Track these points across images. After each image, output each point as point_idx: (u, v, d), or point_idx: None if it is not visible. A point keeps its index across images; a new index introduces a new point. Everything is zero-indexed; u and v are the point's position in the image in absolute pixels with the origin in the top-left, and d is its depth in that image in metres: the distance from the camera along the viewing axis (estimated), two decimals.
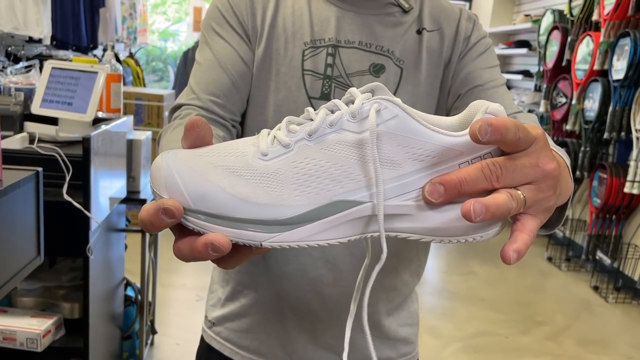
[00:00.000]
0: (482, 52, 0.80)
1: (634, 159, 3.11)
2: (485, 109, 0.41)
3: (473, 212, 0.37)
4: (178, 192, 0.40)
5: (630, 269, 3.32)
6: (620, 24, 3.37)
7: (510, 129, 0.38)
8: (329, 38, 0.75)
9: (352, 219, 0.41)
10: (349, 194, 0.40)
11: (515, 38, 5.51)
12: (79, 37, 4.07)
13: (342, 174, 0.40)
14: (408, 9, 0.78)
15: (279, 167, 0.41)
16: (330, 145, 0.41)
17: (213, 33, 0.77)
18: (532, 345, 2.71)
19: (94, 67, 1.57)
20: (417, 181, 0.40)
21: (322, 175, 0.40)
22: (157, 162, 0.41)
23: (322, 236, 0.41)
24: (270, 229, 0.40)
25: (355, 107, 0.41)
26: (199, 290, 2.97)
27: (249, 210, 0.40)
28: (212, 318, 0.87)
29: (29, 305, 1.63)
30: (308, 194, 0.40)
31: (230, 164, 0.41)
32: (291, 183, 0.40)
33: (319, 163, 0.41)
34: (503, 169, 0.39)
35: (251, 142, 0.43)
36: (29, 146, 1.46)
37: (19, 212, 1.04)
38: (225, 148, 0.42)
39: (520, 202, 0.39)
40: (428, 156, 0.40)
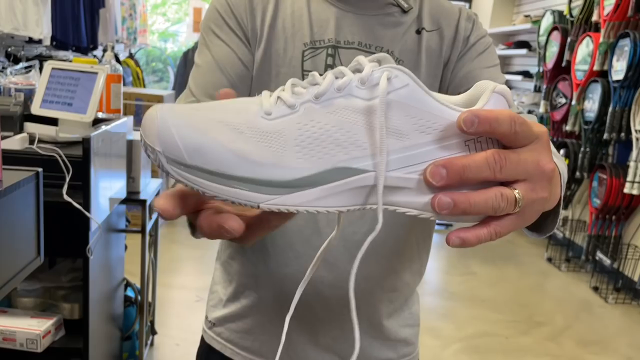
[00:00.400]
0: (481, 51, 0.79)
1: (633, 160, 3.12)
2: (493, 88, 0.40)
3: (437, 204, 0.37)
4: (173, 145, 0.37)
5: (630, 269, 3.32)
6: (620, 24, 3.37)
7: (503, 122, 0.37)
8: (328, 39, 0.75)
9: (354, 187, 0.39)
10: (353, 161, 0.39)
11: (515, 39, 5.51)
12: (79, 38, 4.07)
13: (348, 140, 0.39)
14: (407, 9, 0.78)
15: (282, 127, 0.39)
16: (338, 109, 0.39)
17: (212, 35, 0.77)
18: (532, 345, 2.71)
19: (94, 67, 1.57)
20: (422, 154, 0.39)
21: (327, 139, 0.39)
22: (150, 113, 0.39)
23: (322, 202, 0.39)
24: (269, 190, 0.38)
25: (366, 74, 0.39)
26: (198, 290, 2.97)
27: (248, 168, 0.38)
28: (212, 319, 0.87)
29: (29, 305, 1.63)
30: (311, 158, 0.39)
31: (231, 120, 0.39)
32: (294, 145, 0.38)
33: (324, 127, 0.39)
34: (507, 160, 0.38)
35: (253, 101, 0.41)
36: (29, 147, 1.45)
37: (19, 213, 1.04)
38: (225, 105, 0.40)
39: (512, 202, 0.38)
40: (436, 129, 0.39)
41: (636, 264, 3.28)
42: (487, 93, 0.40)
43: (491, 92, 0.40)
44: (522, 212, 0.40)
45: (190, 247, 3.71)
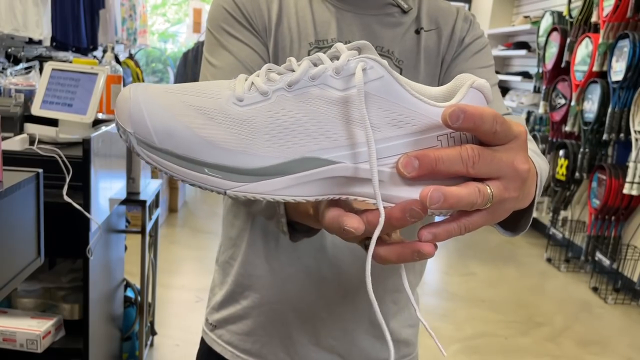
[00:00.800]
0: (476, 51, 0.80)
1: (633, 160, 3.12)
2: (472, 83, 0.39)
3: (430, 198, 0.37)
4: (143, 127, 0.37)
5: (630, 270, 3.33)
6: (619, 25, 3.38)
7: (487, 120, 0.37)
8: (332, 39, 0.75)
9: (322, 178, 0.39)
10: (323, 152, 0.39)
11: (515, 39, 5.51)
12: (79, 39, 4.07)
13: (319, 131, 0.39)
14: (407, 9, 0.78)
15: (253, 114, 0.39)
16: (310, 99, 0.39)
17: (226, 34, 0.75)
18: (531, 346, 2.71)
19: (94, 68, 1.57)
20: (392, 148, 0.39)
21: (297, 129, 0.39)
22: (124, 93, 0.38)
23: (289, 191, 0.39)
24: (236, 177, 0.38)
25: (340, 63, 0.39)
26: (198, 291, 2.97)
27: (217, 154, 0.38)
28: (213, 320, 0.87)
29: (29, 306, 1.63)
30: (280, 147, 0.39)
31: (203, 105, 0.38)
32: (264, 133, 0.38)
33: (295, 116, 0.39)
34: (481, 156, 0.38)
35: (227, 86, 0.40)
36: (29, 147, 1.46)
37: (19, 214, 1.04)
38: (199, 87, 0.40)
39: (486, 198, 0.38)
40: (408, 124, 0.39)
41: (636, 265, 3.28)
42: (465, 88, 0.40)
43: (469, 87, 0.39)
44: (492, 209, 0.40)
45: (190, 247, 3.71)
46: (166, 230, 3.93)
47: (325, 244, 0.76)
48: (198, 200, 4.92)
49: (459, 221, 0.40)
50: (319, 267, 0.77)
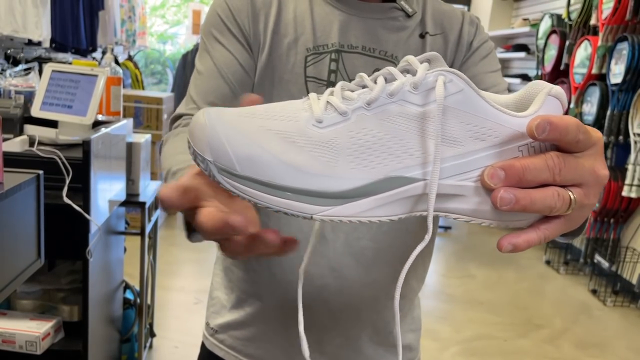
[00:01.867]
0: (484, 56, 0.79)
1: (632, 163, 3.12)
2: (549, 91, 0.39)
3: (500, 199, 0.37)
4: (224, 154, 0.36)
5: (629, 272, 3.33)
6: (618, 28, 3.39)
7: (571, 131, 0.37)
8: (332, 43, 0.74)
9: (406, 197, 0.39)
10: (406, 170, 0.38)
11: (514, 42, 5.52)
12: (78, 40, 4.07)
13: (401, 149, 0.38)
14: (412, 13, 0.77)
15: (335, 136, 0.38)
16: (390, 116, 0.38)
17: (213, 40, 0.76)
18: (530, 348, 2.71)
19: (94, 70, 1.57)
20: (476, 161, 0.38)
21: (380, 148, 0.38)
22: (199, 120, 0.37)
23: (374, 212, 0.38)
24: (322, 201, 0.37)
25: (419, 78, 0.38)
26: (197, 293, 2.96)
27: (301, 179, 0.37)
28: (215, 325, 0.86)
29: (28, 308, 1.63)
30: (364, 167, 0.38)
31: (282, 129, 0.37)
32: (347, 154, 0.37)
33: (377, 135, 0.38)
34: (566, 163, 0.38)
35: (302, 107, 0.39)
36: (28, 149, 1.46)
37: (20, 215, 1.04)
38: (274, 110, 0.39)
39: (566, 203, 0.38)
40: (490, 136, 0.38)
41: (634, 267, 3.29)
42: (542, 96, 0.39)
43: (546, 94, 0.39)
44: (570, 215, 0.40)
45: (189, 249, 3.71)
46: (165, 232, 3.93)
47: (327, 250, 0.76)
48: None
49: (539, 230, 0.40)
50: (321, 274, 0.76)
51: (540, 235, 0.40)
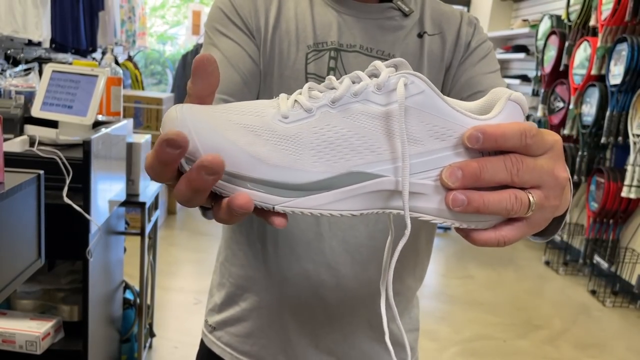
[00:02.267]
0: (483, 56, 0.79)
1: (631, 164, 3.13)
2: (508, 96, 0.40)
3: (452, 201, 0.38)
4: (191, 145, 0.38)
5: (628, 273, 3.33)
6: (617, 29, 3.39)
7: (512, 137, 0.38)
8: (331, 41, 0.75)
9: (368, 192, 0.40)
10: (368, 166, 0.40)
11: (513, 43, 5.53)
12: (78, 40, 4.08)
13: (363, 145, 0.40)
14: (409, 12, 0.78)
15: (299, 130, 0.39)
16: (354, 114, 0.40)
17: (218, 34, 0.76)
18: (530, 349, 2.72)
19: (94, 70, 1.57)
20: (437, 160, 0.40)
21: (342, 144, 0.39)
22: (170, 113, 0.39)
23: (336, 206, 0.40)
24: (284, 192, 0.39)
25: (382, 79, 0.40)
26: (197, 293, 2.97)
27: (265, 171, 0.38)
28: (212, 322, 0.87)
29: (28, 308, 1.63)
30: (327, 162, 0.39)
31: (249, 123, 0.39)
32: (310, 149, 0.39)
33: (340, 131, 0.40)
34: (524, 164, 0.38)
35: (270, 104, 0.41)
36: (29, 149, 1.46)
37: (21, 215, 1.04)
38: (243, 106, 0.41)
39: (525, 205, 0.39)
40: (450, 136, 0.39)
41: (633, 268, 3.29)
42: (502, 101, 0.40)
43: (506, 100, 0.40)
44: (531, 219, 0.40)
45: (189, 249, 3.71)
46: (165, 233, 3.93)
47: (323, 247, 0.76)
48: None
49: (497, 230, 0.40)
50: (317, 271, 0.77)
51: (498, 235, 0.40)
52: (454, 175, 0.38)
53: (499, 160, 0.38)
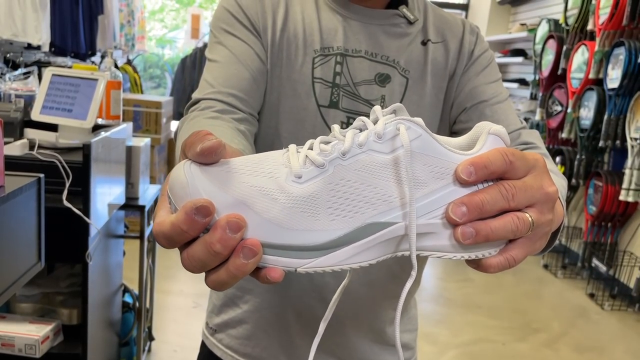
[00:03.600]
0: (485, 65, 0.81)
1: (629, 167, 3.14)
2: (489, 130, 0.42)
3: (461, 235, 0.40)
4: None
5: (626, 276, 3.34)
6: (615, 33, 3.41)
7: (496, 160, 0.40)
8: (337, 47, 0.76)
9: (383, 240, 0.41)
10: (381, 215, 0.40)
11: (511, 47, 5.55)
12: (78, 44, 4.08)
13: (375, 196, 0.40)
14: (413, 20, 0.79)
15: (314, 189, 0.39)
16: (363, 166, 0.40)
17: (225, 33, 0.76)
18: (528, 352, 2.72)
19: (94, 74, 1.58)
20: (441, 199, 0.41)
21: (356, 197, 0.40)
22: (179, 176, 0.37)
23: (355, 259, 0.40)
24: (305, 254, 0.39)
25: (380, 128, 0.41)
26: (196, 297, 2.96)
27: (285, 236, 0.38)
28: (213, 325, 0.87)
29: (28, 311, 1.63)
30: (343, 217, 0.39)
31: (263, 186, 0.38)
32: (327, 207, 0.39)
33: (353, 185, 0.40)
34: (516, 188, 0.41)
35: (281, 162, 0.40)
36: (29, 152, 1.46)
37: (21, 218, 1.04)
38: (254, 165, 0.39)
39: (527, 223, 0.41)
40: (448, 174, 0.41)
41: (632, 271, 3.30)
42: (484, 135, 0.42)
43: (487, 134, 0.42)
44: (532, 235, 0.43)
45: None
46: None
47: None
48: None
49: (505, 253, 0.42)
50: (321, 274, 0.77)
51: (507, 257, 0.42)
52: (459, 211, 0.40)
53: (495, 190, 0.41)
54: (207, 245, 0.36)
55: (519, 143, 0.76)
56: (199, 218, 0.35)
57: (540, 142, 0.76)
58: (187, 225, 0.36)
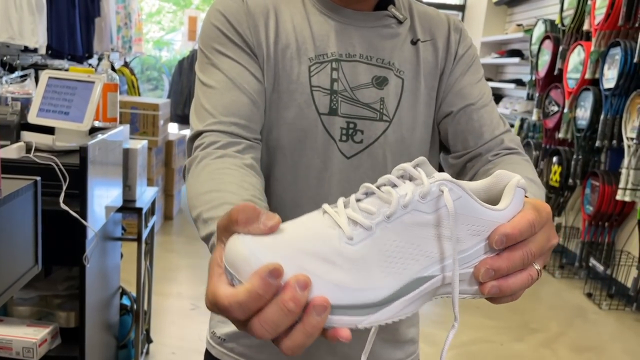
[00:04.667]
0: (470, 64, 0.81)
1: (625, 167, 3.15)
2: (516, 183, 0.47)
3: (488, 291, 0.47)
4: None
5: (623, 276, 3.35)
6: (610, 33, 3.42)
7: (525, 232, 0.46)
8: (331, 52, 0.76)
9: (426, 292, 0.45)
10: (424, 270, 0.44)
11: (508, 47, 5.56)
12: (74, 47, 4.08)
13: (419, 253, 0.44)
14: (403, 19, 0.79)
15: (366, 250, 0.43)
16: (407, 226, 0.44)
17: (217, 53, 0.74)
18: (526, 352, 2.72)
19: (91, 76, 1.58)
20: (474, 254, 0.46)
21: (403, 255, 0.44)
22: (239, 251, 0.40)
23: (405, 311, 0.44)
24: (363, 311, 0.42)
25: (426, 189, 0.44)
26: (194, 299, 2.96)
27: (346, 296, 0.41)
28: (222, 334, 0.85)
29: (25, 314, 1.63)
30: (394, 275, 0.43)
31: (320, 251, 0.41)
32: (378, 266, 0.43)
33: (400, 244, 0.43)
34: (534, 255, 0.47)
35: (327, 224, 0.43)
36: (25, 155, 1.46)
37: (18, 221, 1.04)
38: (304, 231, 0.43)
39: (536, 276, 0.48)
40: (483, 231, 0.46)
41: (629, 270, 3.31)
42: (512, 189, 0.47)
43: (515, 187, 0.47)
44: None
45: (185, 255, 3.71)
46: (162, 238, 3.93)
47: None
48: None
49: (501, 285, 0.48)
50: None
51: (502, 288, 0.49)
52: (489, 274, 0.46)
53: (519, 257, 0.46)
54: (280, 304, 0.38)
55: (503, 148, 0.78)
56: (273, 280, 0.38)
57: (521, 147, 0.80)
58: (263, 289, 0.38)
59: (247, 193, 0.59)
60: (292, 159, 0.76)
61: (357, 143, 0.76)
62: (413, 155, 0.81)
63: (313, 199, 0.76)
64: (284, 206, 0.77)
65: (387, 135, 0.77)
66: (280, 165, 0.77)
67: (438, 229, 0.44)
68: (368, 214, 0.43)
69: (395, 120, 0.78)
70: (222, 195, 0.58)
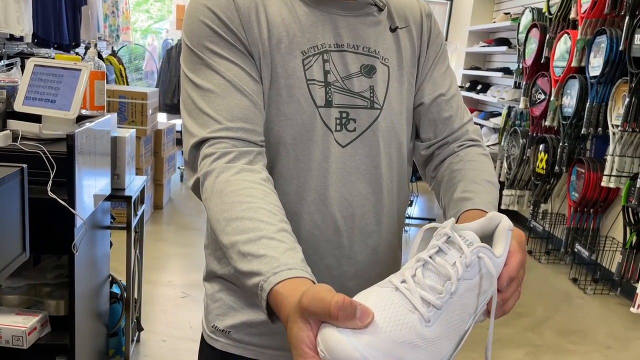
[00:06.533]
0: (439, 52, 0.84)
1: (610, 154, 3.19)
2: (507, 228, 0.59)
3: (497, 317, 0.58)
4: None
5: (608, 261, 3.40)
6: (597, 21, 3.44)
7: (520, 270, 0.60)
8: (321, 44, 0.76)
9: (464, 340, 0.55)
10: (466, 324, 0.54)
11: (495, 36, 5.58)
12: (61, 35, 4.04)
13: (466, 313, 0.53)
14: (383, 6, 0.80)
15: (439, 329, 0.50)
16: (462, 295, 0.53)
17: (211, 53, 0.72)
18: (513, 336, 2.77)
19: (77, 64, 1.57)
20: (488, 295, 0.56)
21: (459, 319, 0.53)
22: (347, 350, 0.46)
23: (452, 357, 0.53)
24: None
25: (469, 260, 0.53)
26: (184, 287, 2.98)
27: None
28: (226, 327, 0.83)
29: (14, 303, 1.63)
30: (453, 338, 0.52)
31: (407, 338, 0.48)
32: (446, 337, 0.51)
33: (458, 312, 0.52)
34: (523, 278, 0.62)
35: (408, 308, 0.50)
36: (12, 144, 1.46)
37: (4, 209, 1.05)
38: (392, 321, 0.48)
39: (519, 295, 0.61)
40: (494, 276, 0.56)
41: (613, 256, 3.36)
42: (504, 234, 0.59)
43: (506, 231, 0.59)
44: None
45: (175, 244, 3.71)
46: (152, 227, 3.93)
47: (342, 240, 0.79)
48: (183, 197, 4.91)
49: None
50: (339, 263, 0.80)
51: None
52: (499, 312, 0.59)
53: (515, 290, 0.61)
54: None
55: (467, 139, 0.84)
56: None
57: (481, 138, 0.86)
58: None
59: (276, 219, 0.62)
60: (294, 153, 0.76)
61: (350, 132, 0.78)
62: (402, 141, 0.82)
63: (315, 190, 0.77)
64: (288, 199, 0.77)
65: (378, 122, 0.79)
66: (283, 160, 0.77)
67: (479, 288, 0.54)
68: (437, 293, 0.51)
69: (385, 107, 0.79)
70: (257, 226, 0.61)
